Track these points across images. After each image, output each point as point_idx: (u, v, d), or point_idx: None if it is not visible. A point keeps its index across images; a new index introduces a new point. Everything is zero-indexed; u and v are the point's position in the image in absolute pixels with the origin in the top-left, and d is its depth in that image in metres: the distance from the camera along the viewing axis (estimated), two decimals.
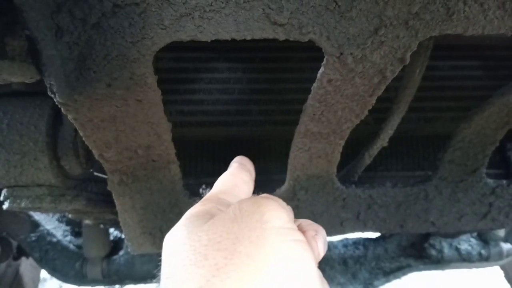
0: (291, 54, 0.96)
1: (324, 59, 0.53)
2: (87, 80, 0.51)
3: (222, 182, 0.50)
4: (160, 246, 0.39)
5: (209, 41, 0.49)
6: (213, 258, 0.33)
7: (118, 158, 0.67)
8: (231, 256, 0.33)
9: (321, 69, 0.54)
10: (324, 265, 1.30)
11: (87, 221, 1.17)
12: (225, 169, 1.18)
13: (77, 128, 0.61)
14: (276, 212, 0.38)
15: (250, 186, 0.51)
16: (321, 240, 0.44)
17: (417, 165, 1.03)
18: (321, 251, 0.43)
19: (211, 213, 0.40)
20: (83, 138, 0.63)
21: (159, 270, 0.39)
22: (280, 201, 0.42)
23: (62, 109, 0.56)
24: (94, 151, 0.66)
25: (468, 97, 0.97)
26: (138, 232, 0.80)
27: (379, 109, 0.79)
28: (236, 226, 0.36)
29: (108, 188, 0.74)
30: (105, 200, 0.88)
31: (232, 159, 1.08)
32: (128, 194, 0.75)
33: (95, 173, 0.85)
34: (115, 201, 0.76)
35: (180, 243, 0.37)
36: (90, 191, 0.84)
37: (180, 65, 0.96)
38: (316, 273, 0.38)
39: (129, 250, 0.82)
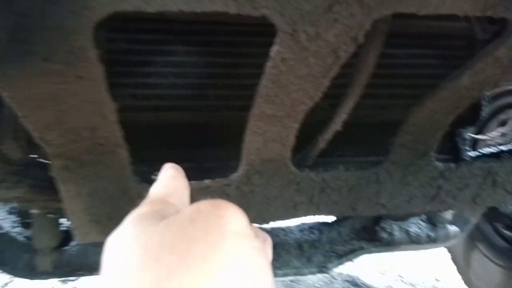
0: (250, 38, 0.95)
1: (277, 37, 0.52)
2: (21, 53, 0.47)
3: (165, 185, 0.47)
4: (108, 235, 0.37)
5: (155, 12, 0.47)
6: (164, 260, 0.31)
7: (61, 141, 0.64)
8: (184, 258, 0.31)
9: (275, 47, 0.53)
10: (281, 250, 1.31)
11: (34, 211, 1.12)
12: (181, 155, 1.15)
13: (14, 108, 0.57)
14: (235, 215, 0.36)
15: (188, 191, 0.49)
16: (270, 248, 0.44)
17: (372, 151, 1.05)
18: (270, 259, 0.42)
19: (162, 215, 0.38)
20: (22, 120, 0.59)
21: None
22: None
23: None
24: (34, 134, 0.62)
25: (423, 85, 1.00)
26: (84, 220, 0.76)
27: (335, 95, 0.79)
28: (191, 228, 0.33)
29: (51, 174, 0.70)
30: (51, 187, 0.84)
31: (188, 145, 1.05)
32: (73, 180, 0.71)
33: (39, 159, 0.80)
34: (59, 187, 0.72)
35: (126, 244, 0.34)
36: (33, 178, 0.79)
37: (134, 47, 0.92)
38: (273, 283, 0.37)
39: (75, 239, 0.78)
